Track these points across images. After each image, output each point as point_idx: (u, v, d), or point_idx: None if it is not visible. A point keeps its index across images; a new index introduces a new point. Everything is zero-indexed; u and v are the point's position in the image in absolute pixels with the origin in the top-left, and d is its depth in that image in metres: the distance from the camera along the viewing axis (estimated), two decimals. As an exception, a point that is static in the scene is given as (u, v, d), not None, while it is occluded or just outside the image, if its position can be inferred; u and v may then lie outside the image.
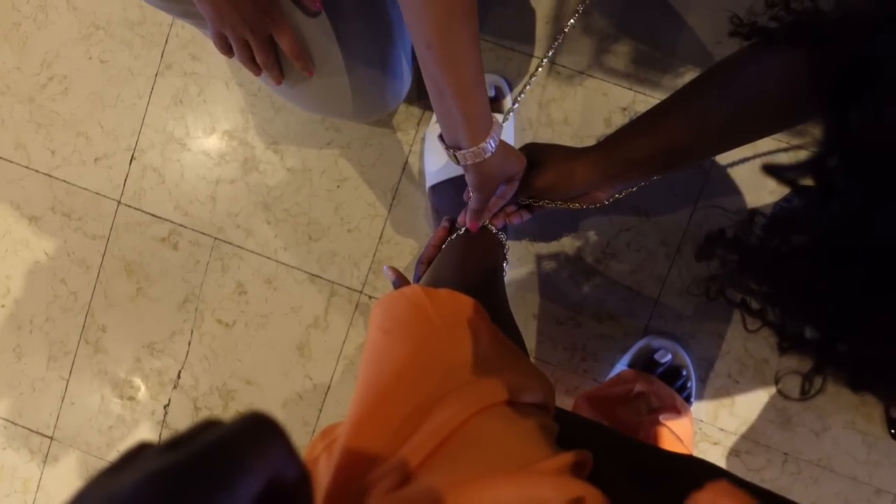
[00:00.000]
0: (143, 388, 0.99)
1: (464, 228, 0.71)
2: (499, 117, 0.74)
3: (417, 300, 0.53)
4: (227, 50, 0.65)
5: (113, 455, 1.01)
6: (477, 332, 0.52)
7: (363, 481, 0.37)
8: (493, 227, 0.73)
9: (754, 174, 0.84)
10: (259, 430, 0.20)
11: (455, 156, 0.60)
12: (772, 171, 0.35)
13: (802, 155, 0.84)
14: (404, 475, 0.37)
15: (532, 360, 0.90)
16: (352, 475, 0.37)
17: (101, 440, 1.00)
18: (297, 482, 0.21)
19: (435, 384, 0.43)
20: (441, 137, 0.61)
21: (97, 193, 0.96)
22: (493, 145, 0.59)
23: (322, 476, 0.39)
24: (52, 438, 1.01)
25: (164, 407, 0.99)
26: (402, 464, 0.37)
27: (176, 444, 0.20)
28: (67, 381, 1.00)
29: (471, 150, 0.58)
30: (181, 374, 0.98)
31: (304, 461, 0.22)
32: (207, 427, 0.20)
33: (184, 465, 0.18)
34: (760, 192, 0.85)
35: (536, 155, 0.68)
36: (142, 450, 0.21)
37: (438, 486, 0.34)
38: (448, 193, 0.81)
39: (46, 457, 1.02)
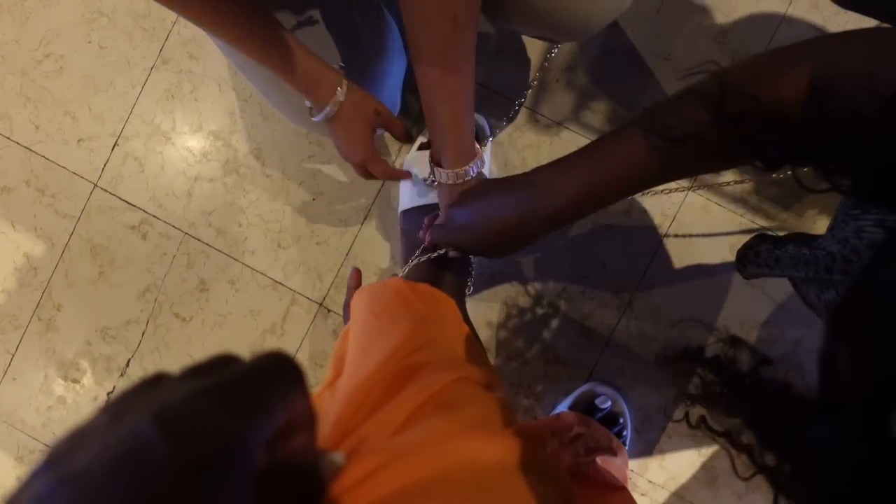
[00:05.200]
0: (89, 371, 0.98)
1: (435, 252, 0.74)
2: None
3: (401, 290, 0.58)
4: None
5: (48, 437, 0.99)
6: (453, 324, 0.58)
7: (356, 434, 0.40)
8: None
9: (710, 231, 0.89)
10: (285, 366, 0.22)
11: (435, 171, 0.66)
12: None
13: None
14: (391, 430, 0.40)
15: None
16: (348, 427, 0.41)
17: (38, 420, 0.99)
18: (306, 420, 0.24)
19: (424, 357, 0.48)
20: (430, 153, 0.66)
21: (75, 173, 0.96)
22: (472, 174, 0.64)
23: (327, 412, 0.42)
24: (-13, 412, 0.99)
25: (108, 394, 0.98)
26: (388, 419, 0.41)
27: (198, 372, 0.21)
28: (13, 355, 0.99)
29: (450, 171, 0.64)
30: (130, 363, 0.97)
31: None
32: (228, 360, 0.22)
33: (232, 386, 0.20)
34: (717, 247, 0.89)
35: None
36: (161, 377, 0.22)
37: (424, 437, 0.39)
38: (418, 220, 0.84)
39: (-22, 430, 1.00)
